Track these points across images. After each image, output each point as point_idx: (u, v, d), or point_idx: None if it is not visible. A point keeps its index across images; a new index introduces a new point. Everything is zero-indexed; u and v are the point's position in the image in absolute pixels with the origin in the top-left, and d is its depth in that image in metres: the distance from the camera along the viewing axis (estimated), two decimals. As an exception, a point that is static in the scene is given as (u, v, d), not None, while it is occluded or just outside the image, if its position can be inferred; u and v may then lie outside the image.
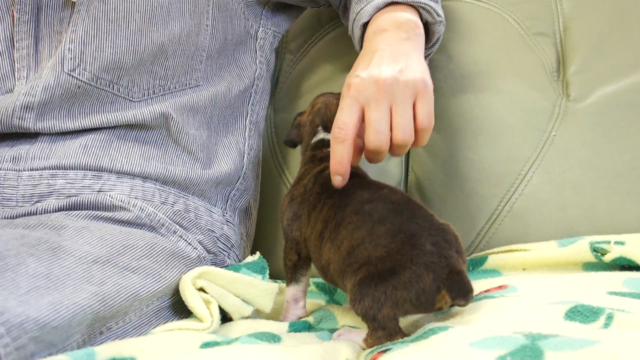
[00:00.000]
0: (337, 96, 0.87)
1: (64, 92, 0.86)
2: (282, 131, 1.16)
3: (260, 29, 1.04)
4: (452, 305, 0.70)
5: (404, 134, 0.76)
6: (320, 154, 0.86)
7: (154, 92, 0.91)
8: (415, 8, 0.90)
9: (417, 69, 0.78)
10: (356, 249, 0.71)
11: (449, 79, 1.12)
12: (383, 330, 0.68)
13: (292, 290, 0.84)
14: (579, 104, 1.08)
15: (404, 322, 0.74)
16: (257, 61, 1.03)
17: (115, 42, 0.87)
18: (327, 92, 0.92)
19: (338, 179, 0.77)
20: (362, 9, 0.92)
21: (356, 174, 0.80)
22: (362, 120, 0.77)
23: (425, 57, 0.96)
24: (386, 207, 0.72)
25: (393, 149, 0.77)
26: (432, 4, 0.92)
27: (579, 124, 1.05)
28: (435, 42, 0.97)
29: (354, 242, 0.71)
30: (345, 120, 0.76)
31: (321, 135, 0.87)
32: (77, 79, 0.86)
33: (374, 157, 0.78)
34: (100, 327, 0.69)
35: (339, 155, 0.76)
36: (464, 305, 0.70)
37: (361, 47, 0.90)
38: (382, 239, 0.69)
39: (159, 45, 0.90)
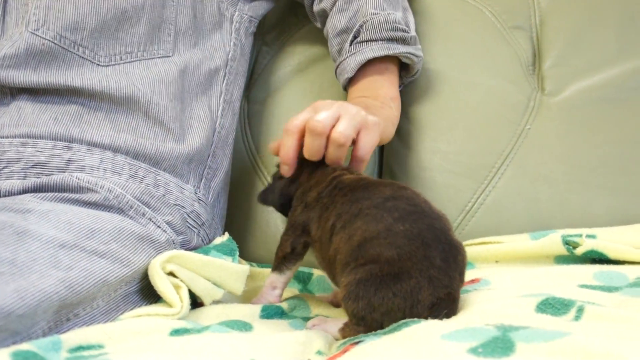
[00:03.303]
0: None
1: (29, 47, 0.88)
2: (255, 121, 1.15)
3: (237, 12, 1.05)
4: None
5: (341, 132, 0.80)
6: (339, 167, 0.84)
7: (120, 58, 0.92)
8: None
9: (377, 118, 0.87)
10: (368, 242, 0.68)
11: (424, 71, 1.12)
12: (365, 327, 0.68)
13: (273, 278, 0.83)
14: (553, 98, 1.08)
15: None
16: (232, 43, 1.03)
17: (76, 3, 0.90)
18: None
19: (285, 168, 0.84)
20: (344, 59, 1.02)
21: (372, 178, 0.80)
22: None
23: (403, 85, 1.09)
24: (408, 208, 0.70)
25: (328, 144, 0.82)
26: (411, 49, 1.02)
27: (554, 118, 1.06)
28: (414, 73, 1.07)
29: (367, 235, 0.68)
30: (297, 117, 0.83)
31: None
32: (40, 37, 0.88)
33: (312, 142, 0.81)
34: (67, 313, 0.68)
35: (287, 146, 0.83)
36: None
37: (344, 88, 1.05)
38: (399, 239, 0.67)
39: (121, 10, 0.92)
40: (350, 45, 1.02)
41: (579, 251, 0.85)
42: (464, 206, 1.03)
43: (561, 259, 0.88)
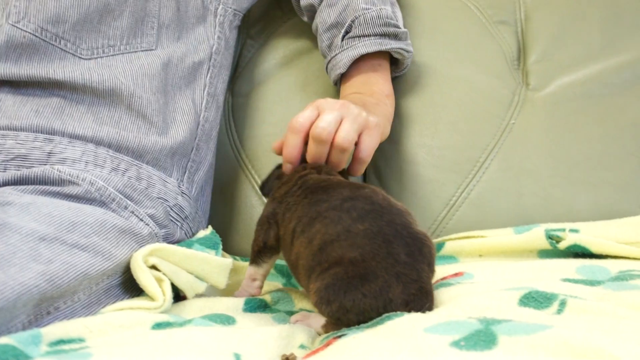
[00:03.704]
0: None
1: (10, 40, 0.87)
2: (240, 115, 1.15)
3: (221, 6, 1.04)
4: None
5: (345, 137, 0.81)
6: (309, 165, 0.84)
7: (103, 51, 0.91)
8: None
9: (377, 117, 0.88)
10: (329, 245, 0.67)
11: (410, 65, 1.12)
12: (345, 325, 0.68)
13: (251, 271, 0.83)
14: (538, 93, 1.09)
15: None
16: (216, 37, 1.03)
17: None
18: None
19: (288, 166, 0.84)
20: (336, 55, 1.02)
21: (335, 178, 0.80)
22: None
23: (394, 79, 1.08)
24: (366, 207, 0.69)
25: (331, 149, 0.82)
26: (403, 44, 1.02)
27: (538, 113, 1.06)
28: (403, 68, 1.08)
29: (327, 238, 0.68)
30: (302, 115, 0.82)
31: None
32: (21, 30, 0.87)
33: (315, 148, 0.82)
34: (47, 307, 0.67)
35: (291, 145, 0.82)
36: None
37: (335, 84, 1.06)
38: (359, 239, 0.66)
39: (104, 3, 0.91)
40: (342, 40, 1.02)
41: (562, 245, 0.86)
42: (448, 200, 1.03)
43: (544, 253, 0.88)
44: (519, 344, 0.51)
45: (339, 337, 0.63)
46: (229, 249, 1.05)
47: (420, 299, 0.66)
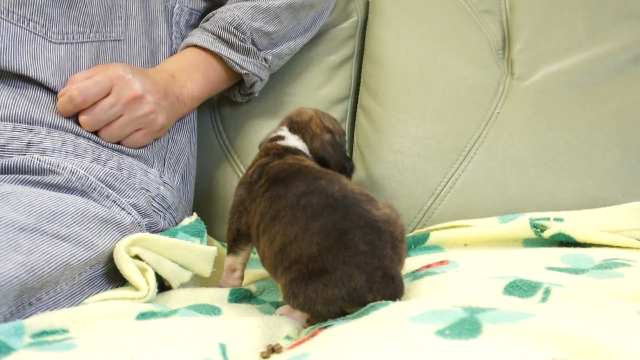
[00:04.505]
0: (316, 110, 0.91)
1: None
2: (225, 105, 1.14)
3: (177, 5, 1.03)
4: None
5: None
6: (274, 148, 0.85)
7: (73, 37, 0.91)
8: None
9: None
10: (288, 246, 0.69)
11: (395, 54, 1.12)
12: (323, 318, 0.68)
13: (230, 261, 0.83)
14: (522, 82, 1.09)
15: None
16: (173, 36, 1.03)
17: None
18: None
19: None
20: (189, 35, 1.03)
21: (296, 165, 0.80)
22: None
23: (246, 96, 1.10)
24: (321, 202, 0.70)
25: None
26: (239, 57, 1.01)
27: (522, 102, 1.07)
28: (250, 87, 1.07)
29: (286, 239, 0.70)
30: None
31: (282, 132, 0.87)
32: None
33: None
34: (29, 298, 0.66)
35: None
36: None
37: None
38: (315, 237, 0.68)
39: None
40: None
41: (546, 234, 0.86)
42: (433, 189, 1.03)
43: (529, 242, 0.88)
44: (503, 332, 0.51)
45: (325, 327, 0.63)
46: (216, 237, 1.05)
47: (386, 284, 0.66)
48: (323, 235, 0.67)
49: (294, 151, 0.84)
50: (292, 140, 0.86)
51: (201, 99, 1.02)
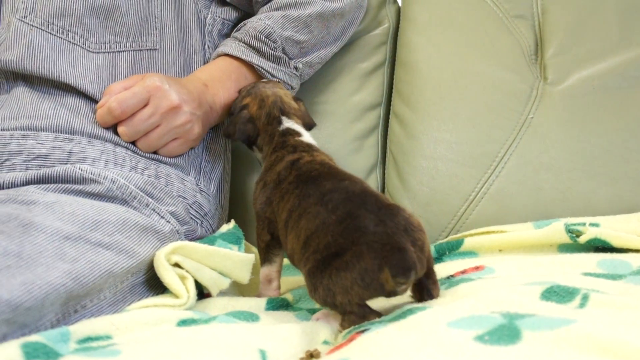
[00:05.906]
0: (274, 85, 0.94)
1: (19, 34, 0.89)
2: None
3: (209, 15, 1.05)
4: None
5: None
6: (292, 140, 0.86)
7: (110, 46, 0.93)
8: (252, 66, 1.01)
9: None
10: (310, 238, 0.72)
11: (427, 60, 1.12)
12: (353, 314, 0.68)
13: (266, 271, 0.84)
14: (556, 87, 1.08)
15: (385, 304, 0.74)
16: (206, 46, 1.04)
17: None
18: (253, 85, 0.95)
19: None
20: (221, 44, 1.04)
21: (327, 165, 0.81)
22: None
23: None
24: (341, 197, 0.73)
25: None
26: (270, 66, 1.01)
27: (556, 107, 1.06)
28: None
29: (308, 232, 0.72)
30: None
31: (287, 124, 0.88)
32: (29, 24, 0.89)
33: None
34: (74, 305, 0.68)
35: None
36: (406, 290, 0.70)
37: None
38: (332, 227, 0.70)
39: None
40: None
41: (582, 239, 0.86)
42: (467, 195, 1.03)
43: (565, 248, 0.88)
44: (543, 338, 0.51)
45: (362, 331, 0.63)
46: (252, 243, 1.05)
47: (394, 257, 0.66)
48: (338, 224, 0.70)
49: (314, 147, 0.87)
50: (307, 137, 0.88)
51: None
